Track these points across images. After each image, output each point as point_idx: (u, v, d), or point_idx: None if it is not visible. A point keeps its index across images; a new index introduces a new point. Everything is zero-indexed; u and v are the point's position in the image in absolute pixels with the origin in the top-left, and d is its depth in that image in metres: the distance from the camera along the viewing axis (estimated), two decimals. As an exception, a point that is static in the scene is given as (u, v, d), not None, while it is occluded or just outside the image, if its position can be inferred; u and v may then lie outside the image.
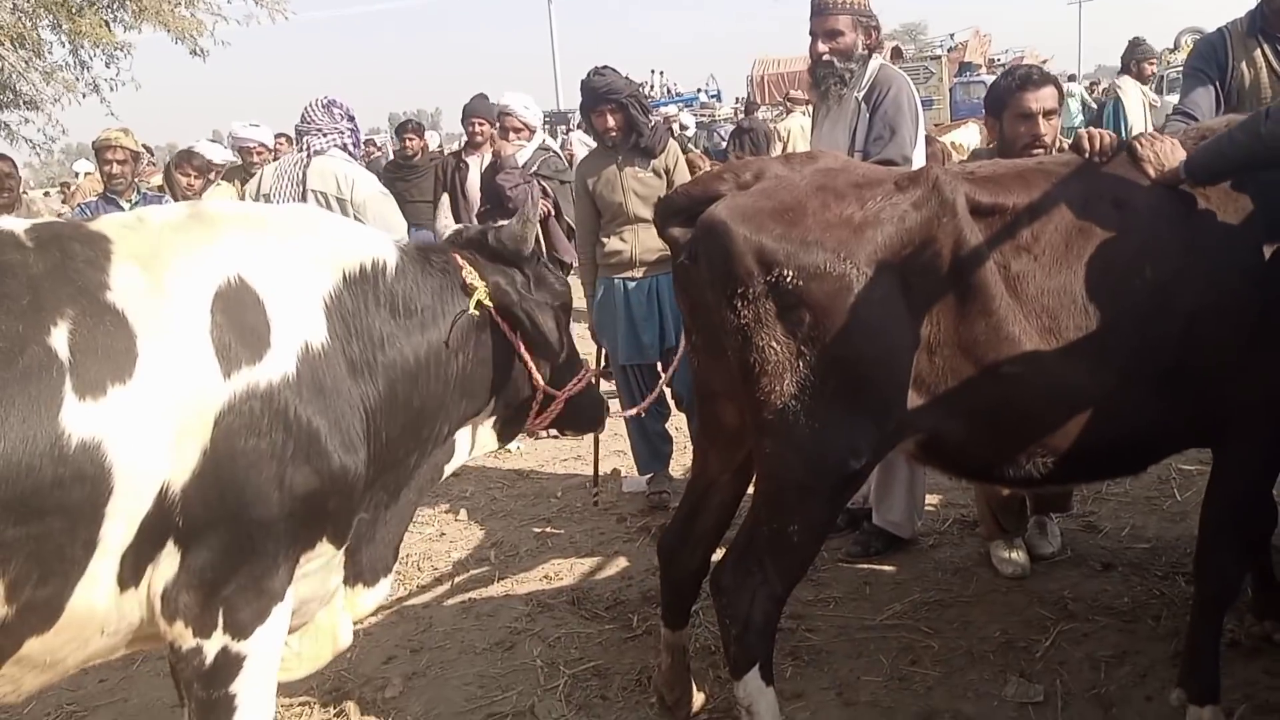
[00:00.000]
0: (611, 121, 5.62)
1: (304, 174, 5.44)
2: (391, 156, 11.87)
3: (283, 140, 9.90)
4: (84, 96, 13.05)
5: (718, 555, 3.48)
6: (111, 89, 13.14)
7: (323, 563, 2.72)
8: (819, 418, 2.93)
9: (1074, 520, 4.98)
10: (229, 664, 2.52)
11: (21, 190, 7.81)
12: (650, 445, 5.97)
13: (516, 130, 7.21)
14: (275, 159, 8.65)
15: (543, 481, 6.59)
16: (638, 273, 5.68)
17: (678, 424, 6.21)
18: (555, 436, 7.56)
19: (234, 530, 2.42)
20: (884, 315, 2.91)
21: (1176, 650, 3.67)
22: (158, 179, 10.85)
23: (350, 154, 5.74)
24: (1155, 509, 5.07)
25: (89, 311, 2.26)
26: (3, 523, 2.09)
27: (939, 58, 33.61)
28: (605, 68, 5.74)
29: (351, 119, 5.71)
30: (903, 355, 2.96)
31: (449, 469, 3.14)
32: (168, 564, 2.39)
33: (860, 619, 4.28)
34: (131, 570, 2.34)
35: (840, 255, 2.88)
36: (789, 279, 2.87)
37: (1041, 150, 4.05)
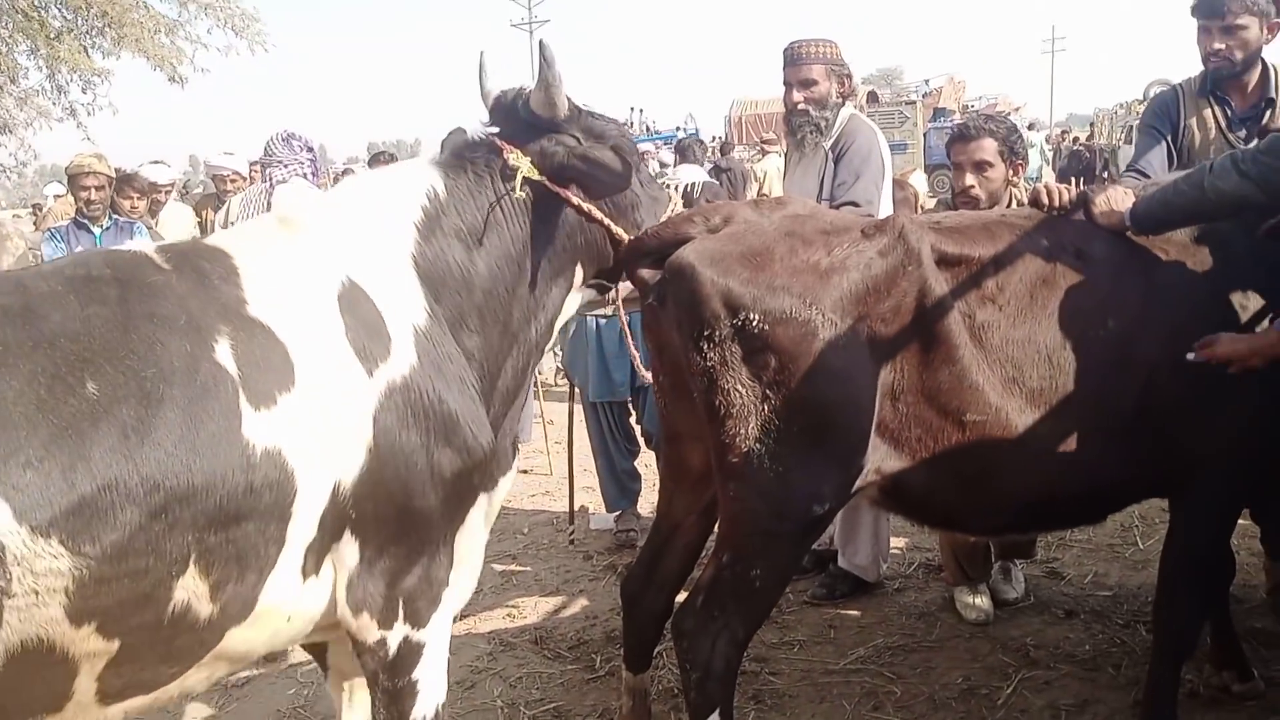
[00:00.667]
0: None
1: (268, 202, 5.72)
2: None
3: (258, 169, 9.92)
4: (59, 121, 13.03)
5: (681, 597, 3.46)
6: (89, 114, 13.11)
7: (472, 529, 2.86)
8: (783, 462, 2.94)
9: (1037, 566, 5.00)
10: (411, 652, 2.67)
11: (-10, 212, 7.75)
12: (618, 483, 5.95)
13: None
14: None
15: (509, 517, 6.54)
16: (610, 310, 5.67)
17: (647, 461, 6.20)
18: (524, 471, 7.56)
19: (402, 521, 2.56)
20: (848, 361, 2.93)
21: (1137, 699, 3.68)
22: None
23: (310, 183, 5.96)
24: (1118, 556, 5.10)
25: (239, 327, 2.37)
26: (206, 531, 2.22)
27: (914, 103, 34.05)
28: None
29: (310, 150, 6.02)
30: (866, 401, 2.97)
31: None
32: (349, 558, 2.53)
33: (824, 663, 4.26)
34: (314, 564, 2.46)
35: (806, 301, 2.90)
36: (755, 323, 2.88)
37: (970, 203, 4.11)
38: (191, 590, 2.24)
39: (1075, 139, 27.99)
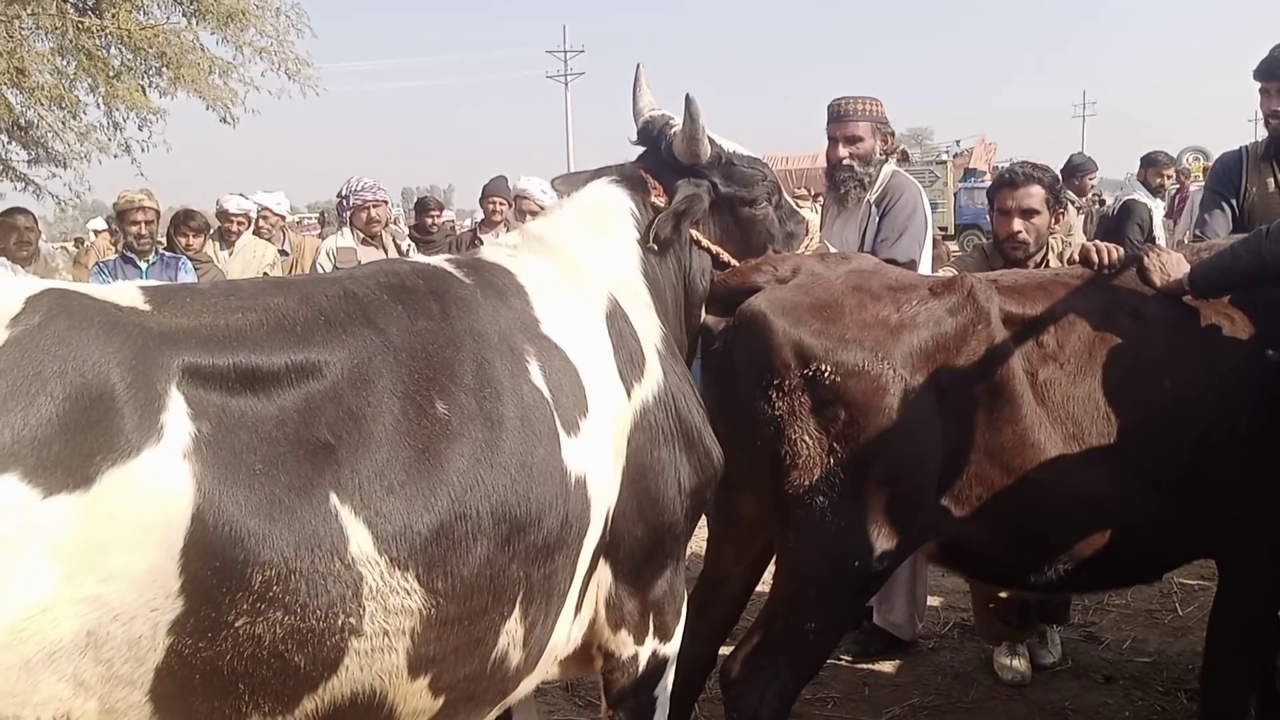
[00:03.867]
0: None
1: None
2: (404, 229, 11.99)
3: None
4: (115, 157, 13.19)
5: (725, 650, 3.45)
6: (143, 150, 13.31)
7: None
8: (846, 516, 2.94)
9: (1075, 631, 4.95)
10: (657, 667, 2.66)
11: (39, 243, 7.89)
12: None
13: (533, 214, 7.37)
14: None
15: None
16: None
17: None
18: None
19: (652, 537, 2.50)
20: (917, 418, 2.94)
21: (1180, 768, 3.64)
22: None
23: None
24: (1157, 623, 5.06)
25: (540, 347, 2.29)
26: (533, 565, 2.12)
27: (944, 163, 34.20)
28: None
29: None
30: (932, 458, 2.98)
31: None
32: (605, 580, 2.47)
33: (858, 721, 4.22)
34: (581, 595, 2.39)
35: (878, 355, 2.92)
36: (826, 374, 2.90)
37: (1018, 249, 4.17)
38: (511, 635, 2.13)
39: (1100, 199, 27.97)
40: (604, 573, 2.49)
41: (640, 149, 3.17)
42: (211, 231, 8.02)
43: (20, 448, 1.61)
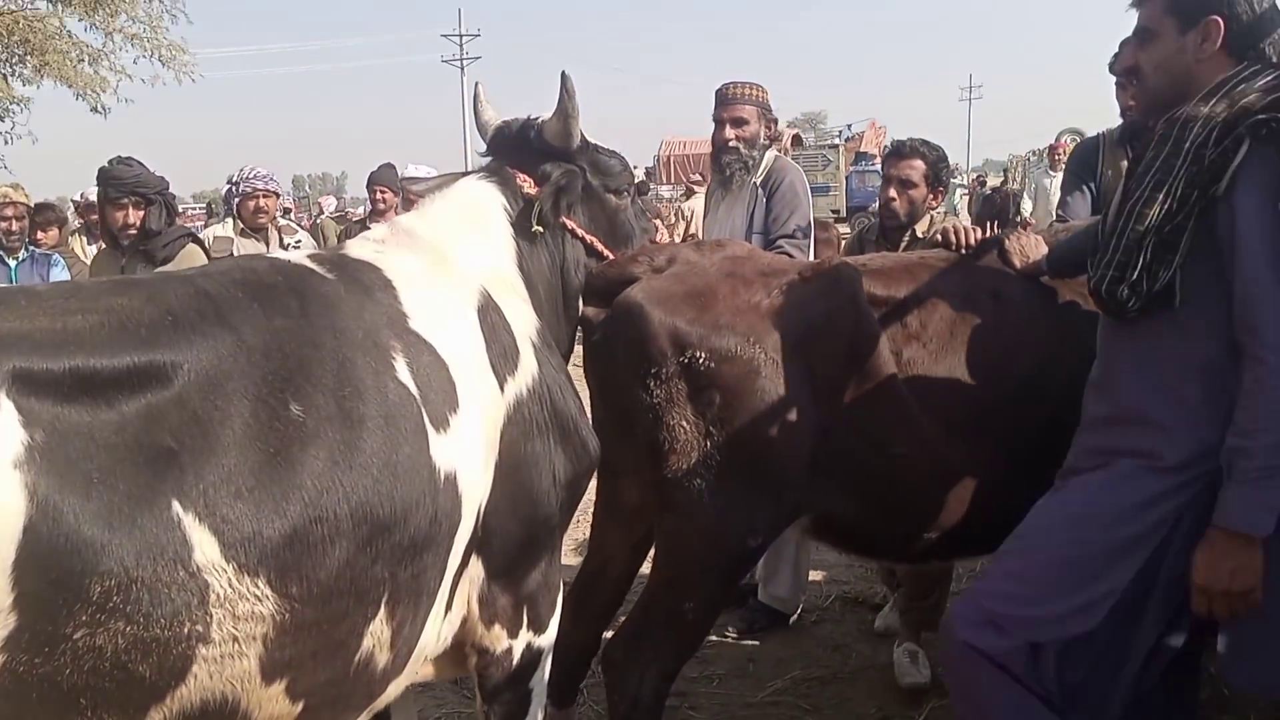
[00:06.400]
0: (133, 217, 5.16)
1: None
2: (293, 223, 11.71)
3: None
4: (-23, 149, 12.64)
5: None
6: (6, 143, 12.74)
7: None
8: (721, 497, 3.01)
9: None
10: (532, 660, 2.61)
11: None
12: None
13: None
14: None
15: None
16: None
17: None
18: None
19: (525, 531, 2.47)
20: (788, 398, 3.02)
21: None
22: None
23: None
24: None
25: (408, 343, 2.23)
26: (399, 565, 2.05)
27: (836, 146, 34.80)
28: (131, 159, 5.26)
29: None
30: (803, 437, 3.06)
31: None
32: (477, 575, 2.42)
33: (742, 696, 4.31)
34: (452, 592, 2.34)
35: (750, 340, 2.99)
36: (701, 361, 2.96)
37: (890, 217, 4.45)
38: (377, 637, 2.07)
39: (982, 180, 29.05)
40: (476, 568, 2.46)
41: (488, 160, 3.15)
42: (75, 226, 7.68)
43: None
